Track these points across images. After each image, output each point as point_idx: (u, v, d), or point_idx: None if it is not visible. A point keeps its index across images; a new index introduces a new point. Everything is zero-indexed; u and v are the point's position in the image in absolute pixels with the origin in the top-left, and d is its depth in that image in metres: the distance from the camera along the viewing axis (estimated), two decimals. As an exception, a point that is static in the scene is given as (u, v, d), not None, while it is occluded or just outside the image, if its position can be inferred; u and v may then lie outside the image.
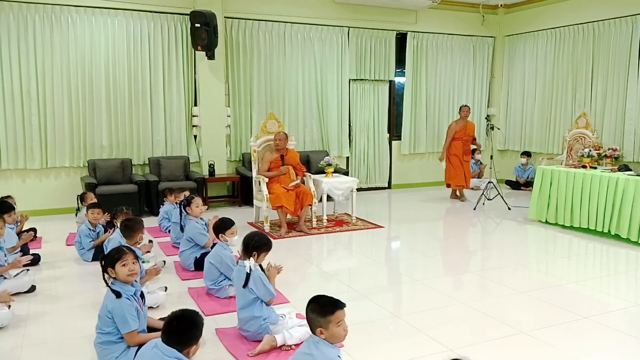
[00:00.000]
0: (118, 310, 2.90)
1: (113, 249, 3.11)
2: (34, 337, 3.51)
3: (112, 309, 2.90)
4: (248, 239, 3.51)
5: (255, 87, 8.50)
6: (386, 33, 9.45)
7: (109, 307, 2.91)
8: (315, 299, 2.49)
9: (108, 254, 3.08)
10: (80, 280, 4.81)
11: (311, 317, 2.45)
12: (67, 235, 6.21)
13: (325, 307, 2.42)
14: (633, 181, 5.83)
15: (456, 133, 8.58)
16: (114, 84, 7.64)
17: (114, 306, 2.90)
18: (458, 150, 8.59)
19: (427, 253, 5.70)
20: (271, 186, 6.47)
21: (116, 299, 2.91)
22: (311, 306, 2.47)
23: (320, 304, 2.45)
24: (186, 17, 7.78)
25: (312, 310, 2.45)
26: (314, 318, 2.43)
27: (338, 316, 2.41)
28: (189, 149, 8.21)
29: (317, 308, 2.44)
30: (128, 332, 2.92)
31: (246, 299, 3.36)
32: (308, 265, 5.33)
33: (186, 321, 2.42)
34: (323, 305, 2.43)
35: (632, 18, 8.13)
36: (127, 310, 2.91)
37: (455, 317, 3.87)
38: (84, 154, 7.59)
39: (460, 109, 8.67)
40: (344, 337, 2.46)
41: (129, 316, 2.91)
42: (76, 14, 7.33)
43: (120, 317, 2.90)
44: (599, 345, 3.40)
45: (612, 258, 5.52)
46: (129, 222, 4.33)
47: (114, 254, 3.02)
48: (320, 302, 2.46)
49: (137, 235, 4.28)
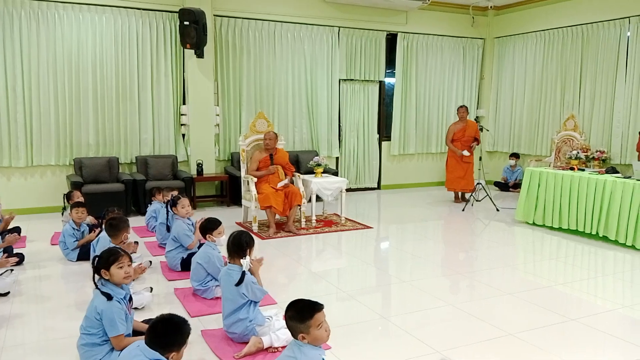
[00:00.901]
0: (108, 313, 2.85)
1: (107, 251, 3.04)
2: (16, 338, 3.44)
3: (102, 311, 2.85)
4: (239, 238, 3.42)
5: (245, 86, 8.45)
6: (376, 33, 9.44)
7: (99, 308, 2.86)
8: (292, 305, 2.44)
9: (102, 255, 2.99)
10: (64, 281, 4.73)
11: (291, 324, 2.41)
12: (52, 235, 6.13)
13: (303, 312, 2.38)
14: (620, 183, 5.86)
15: (455, 134, 8.53)
16: (101, 81, 7.55)
17: (105, 308, 2.85)
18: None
19: (416, 254, 5.69)
20: (260, 186, 6.42)
21: (107, 302, 2.86)
22: (289, 313, 2.42)
23: (298, 310, 2.40)
24: (175, 14, 7.72)
25: (290, 318, 2.40)
26: (294, 325, 2.39)
27: (317, 319, 2.37)
28: (177, 147, 8.14)
29: (295, 314, 2.39)
30: (115, 335, 2.87)
31: (235, 302, 3.30)
32: (296, 266, 5.29)
33: (172, 326, 2.37)
34: (301, 311, 2.39)
35: (620, 21, 8.19)
36: (117, 314, 2.87)
37: (443, 318, 3.86)
38: (70, 152, 7.50)
39: (457, 110, 8.64)
40: (327, 338, 2.43)
41: (118, 320, 2.86)
42: (63, 10, 7.23)
43: (109, 320, 2.85)
44: (587, 348, 3.40)
45: (600, 260, 5.54)
46: (113, 220, 4.28)
47: (109, 256, 2.96)
48: (297, 308, 2.41)
49: (122, 235, 4.24)
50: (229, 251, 3.44)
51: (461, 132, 8.48)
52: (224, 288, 3.41)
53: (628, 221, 5.75)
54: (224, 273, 3.43)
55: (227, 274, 3.39)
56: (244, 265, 3.33)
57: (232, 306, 3.31)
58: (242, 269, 3.32)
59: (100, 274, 2.94)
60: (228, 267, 3.42)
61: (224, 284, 3.40)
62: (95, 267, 2.95)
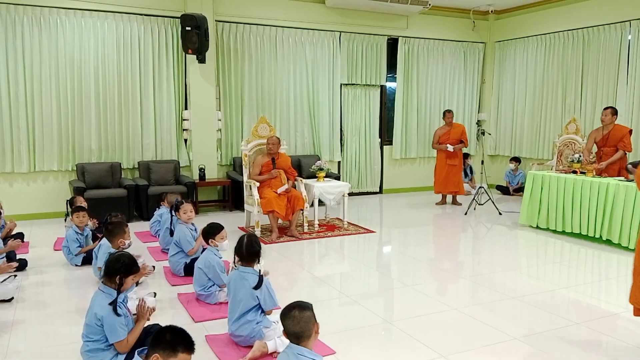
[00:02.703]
0: (109, 319, 2.85)
1: (131, 259, 3.07)
2: (19, 344, 3.43)
3: (102, 317, 2.85)
4: (252, 243, 3.42)
5: (247, 90, 8.47)
6: (377, 38, 9.46)
7: (99, 315, 2.85)
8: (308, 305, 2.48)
9: (125, 262, 3.01)
10: (67, 286, 4.73)
11: (308, 325, 2.41)
12: (55, 240, 6.12)
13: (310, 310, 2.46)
14: (623, 186, 5.85)
15: (440, 137, 8.61)
16: (104, 87, 7.56)
17: (105, 315, 2.85)
18: (441, 154, 8.60)
19: (419, 258, 5.68)
20: (262, 191, 6.42)
21: (107, 306, 2.86)
22: (310, 312, 2.45)
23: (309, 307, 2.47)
24: (177, 20, 7.74)
25: (308, 316, 2.43)
26: (310, 327, 2.41)
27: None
28: (179, 152, 8.15)
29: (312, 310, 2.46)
30: (118, 341, 2.88)
31: (247, 304, 3.29)
32: (299, 270, 5.29)
33: (179, 333, 2.32)
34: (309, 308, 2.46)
35: (621, 25, 8.20)
36: (117, 320, 2.87)
37: (446, 322, 3.85)
38: (73, 158, 7.50)
39: (443, 114, 8.69)
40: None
41: (118, 326, 2.87)
42: (65, 17, 7.26)
43: (110, 327, 2.86)
44: (591, 352, 3.39)
45: (604, 263, 5.53)
46: (110, 225, 4.37)
47: (133, 265, 3.03)
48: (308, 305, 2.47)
49: (118, 239, 4.31)
50: (241, 256, 3.42)
51: (446, 135, 8.55)
52: (234, 291, 3.37)
53: (631, 224, 5.74)
54: (236, 276, 3.40)
55: (240, 277, 3.37)
56: (261, 269, 3.34)
57: (242, 309, 3.30)
58: (259, 272, 3.33)
59: (114, 277, 2.95)
60: (241, 270, 3.40)
61: (235, 286, 3.38)
62: (113, 270, 2.96)
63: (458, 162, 8.60)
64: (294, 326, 2.38)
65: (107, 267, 3.00)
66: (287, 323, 2.40)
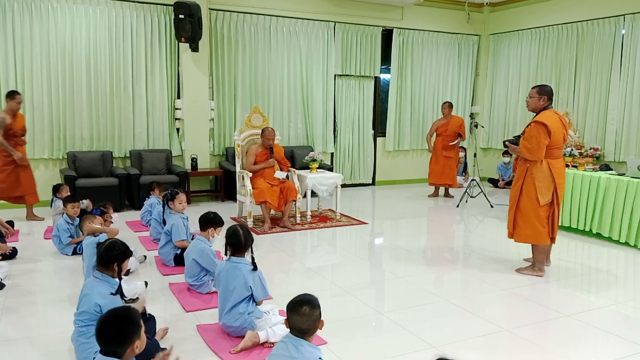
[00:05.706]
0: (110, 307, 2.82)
1: (124, 244, 3.08)
2: (9, 332, 3.42)
3: (104, 305, 2.79)
4: (245, 235, 3.39)
5: (240, 80, 8.41)
6: (372, 29, 9.42)
7: (100, 302, 2.81)
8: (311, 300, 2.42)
9: (120, 248, 3.02)
10: (57, 275, 4.71)
11: (314, 319, 2.37)
12: (45, 229, 6.08)
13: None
14: (615, 180, 5.88)
15: (438, 129, 8.59)
16: (95, 75, 7.48)
17: (107, 303, 2.79)
18: (437, 145, 8.60)
19: (411, 249, 5.70)
20: (255, 181, 6.40)
21: (110, 296, 2.86)
22: (319, 310, 2.40)
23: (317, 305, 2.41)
24: (170, 7, 7.66)
25: (314, 312, 2.38)
26: (316, 322, 2.38)
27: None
28: (171, 142, 8.10)
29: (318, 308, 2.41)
30: None
31: (239, 295, 3.26)
32: (291, 261, 5.29)
33: (117, 320, 2.18)
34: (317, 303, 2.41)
35: (615, 19, 8.21)
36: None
37: (437, 313, 3.87)
38: (64, 146, 7.44)
39: (442, 106, 8.69)
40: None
41: None
42: (57, 3, 7.16)
43: None
44: (581, 343, 3.42)
45: (594, 256, 5.57)
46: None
47: (127, 249, 3.06)
48: (316, 302, 2.41)
49: (86, 224, 4.30)
50: (235, 246, 3.39)
51: (444, 127, 8.52)
52: (226, 282, 3.33)
53: (622, 218, 5.78)
54: (228, 267, 3.36)
55: (233, 267, 3.34)
56: (252, 257, 3.36)
57: (234, 300, 3.27)
58: (251, 260, 3.34)
59: (112, 265, 2.96)
60: (232, 260, 3.37)
61: (227, 277, 3.34)
62: (110, 258, 2.96)
63: (454, 154, 8.59)
64: (301, 322, 2.33)
65: (102, 257, 2.97)
66: (294, 318, 2.34)
